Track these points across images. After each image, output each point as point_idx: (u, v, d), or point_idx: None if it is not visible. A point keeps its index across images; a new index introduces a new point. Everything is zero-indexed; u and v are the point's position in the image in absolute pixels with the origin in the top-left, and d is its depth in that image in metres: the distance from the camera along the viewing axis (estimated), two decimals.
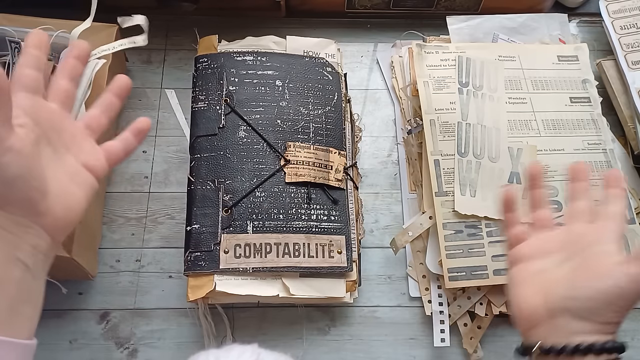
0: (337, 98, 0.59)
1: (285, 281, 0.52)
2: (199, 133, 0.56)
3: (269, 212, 0.53)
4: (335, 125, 0.58)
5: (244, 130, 0.56)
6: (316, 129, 0.57)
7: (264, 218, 0.53)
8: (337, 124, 0.59)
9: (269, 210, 0.53)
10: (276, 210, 0.54)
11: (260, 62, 0.59)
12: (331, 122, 0.58)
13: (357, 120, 0.65)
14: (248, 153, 0.55)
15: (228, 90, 0.57)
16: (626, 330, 0.57)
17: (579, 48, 0.67)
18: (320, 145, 0.57)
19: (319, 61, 0.60)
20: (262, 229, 0.53)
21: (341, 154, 0.58)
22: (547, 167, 0.60)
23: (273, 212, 0.53)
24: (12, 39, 0.54)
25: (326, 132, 0.58)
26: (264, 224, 0.53)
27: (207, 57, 0.59)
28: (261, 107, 0.57)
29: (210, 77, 0.58)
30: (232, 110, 0.57)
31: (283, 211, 0.54)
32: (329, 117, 0.59)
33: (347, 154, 0.59)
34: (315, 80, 0.59)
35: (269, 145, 0.55)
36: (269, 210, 0.53)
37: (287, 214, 0.54)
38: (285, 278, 0.52)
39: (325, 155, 0.56)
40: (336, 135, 0.58)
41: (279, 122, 0.57)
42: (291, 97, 0.58)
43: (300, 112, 0.57)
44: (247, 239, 0.52)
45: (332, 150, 0.57)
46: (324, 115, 0.58)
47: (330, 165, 0.56)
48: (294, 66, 0.60)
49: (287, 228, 0.53)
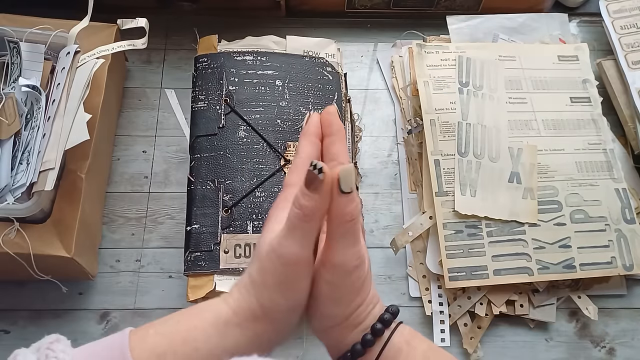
0: (337, 98, 0.59)
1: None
2: (199, 133, 0.56)
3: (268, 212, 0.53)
4: None
5: (244, 130, 0.56)
6: None
7: (264, 218, 0.53)
8: None
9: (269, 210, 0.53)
10: None
11: (260, 62, 0.59)
12: None
13: (357, 120, 0.65)
14: (248, 153, 0.55)
15: (228, 90, 0.57)
16: (626, 330, 0.57)
17: (579, 48, 0.67)
18: None
19: (319, 61, 0.60)
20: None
21: None
22: (547, 167, 0.60)
23: None
24: (11, 39, 0.54)
25: None
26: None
27: (207, 57, 0.59)
28: (261, 107, 0.57)
29: (210, 77, 0.58)
30: (232, 110, 0.57)
31: None
32: None
33: (347, 154, 0.58)
34: (315, 80, 0.59)
35: (269, 145, 0.55)
36: (269, 210, 0.53)
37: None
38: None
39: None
40: None
41: (279, 122, 0.57)
42: (291, 97, 0.58)
43: (300, 112, 0.57)
44: (247, 238, 0.52)
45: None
46: None
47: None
48: (294, 66, 0.60)
49: None
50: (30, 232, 0.48)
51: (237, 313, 0.32)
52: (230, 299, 0.33)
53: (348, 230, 0.30)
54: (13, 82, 0.54)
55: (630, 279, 0.59)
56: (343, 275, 0.31)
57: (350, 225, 0.30)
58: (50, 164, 0.47)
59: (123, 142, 0.64)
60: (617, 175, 0.60)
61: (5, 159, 0.51)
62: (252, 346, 0.32)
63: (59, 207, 0.51)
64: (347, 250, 0.31)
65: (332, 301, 0.33)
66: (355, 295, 0.33)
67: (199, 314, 0.32)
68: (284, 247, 0.30)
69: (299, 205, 0.29)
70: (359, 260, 0.31)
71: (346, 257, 0.31)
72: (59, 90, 0.51)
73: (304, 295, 0.32)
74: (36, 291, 0.55)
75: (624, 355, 0.56)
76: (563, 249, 0.56)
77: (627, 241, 0.57)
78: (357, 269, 0.31)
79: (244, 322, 0.31)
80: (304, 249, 0.30)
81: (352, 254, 0.31)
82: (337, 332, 0.34)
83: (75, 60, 0.53)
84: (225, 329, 0.31)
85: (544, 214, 0.58)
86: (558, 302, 0.57)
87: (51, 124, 0.50)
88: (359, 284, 0.32)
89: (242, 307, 0.32)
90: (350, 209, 0.29)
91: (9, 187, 0.50)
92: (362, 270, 0.32)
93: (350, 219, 0.29)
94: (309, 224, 0.29)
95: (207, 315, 0.32)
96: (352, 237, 0.30)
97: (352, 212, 0.29)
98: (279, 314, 0.32)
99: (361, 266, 0.32)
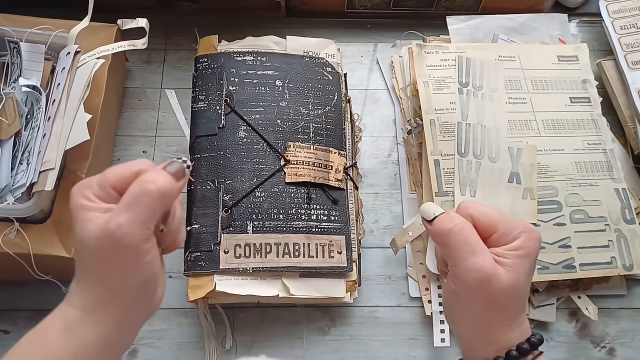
0: (337, 98, 0.59)
1: (285, 281, 0.52)
2: (199, 133, 0.56)
3: (269, 212, 0.53)
4: (335, 125, 0.58)
5: (244, 130, 0.56)
6: (316, 129, 0.57)
7: (264, 218, 0.53)
8: (337, 124, 0.59)
9: (269, 210, 0.53)
10: (276, 210, 0.54)
11: (260, 62, 0.59)
12: (331, 122, 0.58)
13: (357, 120, 0.65)
14: (248, 153, 0.55)
15: (228, 90, 0.57)
16: (626, 330, 0.57)
17: (579, 48, 0.67)
18: (320, 145, 0.57)
19: (319, 61, 0.60)
20: (262, 229, 0.53)
21: (341, 154, 0.58)
22: (547, 167, 0.60)
23: (273, 212, 0.53)
24: (11, 39, 0.54)
25: (326, 132, 0.58)
26: (264, 224, 0.53)
27: (207, 57, 0.59)
28: (261, 107, 0.57)
29: (210, 77, 0.58)
30: (232, 110, 0.57)
31: (283, 211, 0.54)
32: (329, 117, 0.59)
33: (347, 154, 0.59)
34: (315, 80, 0.59)
35: (269, 145, 0.55)
36: (269, 210, 0.53)
37: (287, 214, 0.53)
38: (285, 278, 0.52)
39: (325, 155, 0.56)
40: (336, 135, 0.58)
41: (279, 122, 0.57)
42: (291, 97, 0.58)
43: (300, 112, 0.57)
44: (247, 239, 0.52)
45: (332, 151, 0.57)
46: (324, 115, 0.58)
47: (330, 165, 0.56)
48: (294, 66, 0.60)
49: (287, 228, 0.53)
50: (30, 232, 0.48)
51: (86, 309, 0.32)
52: (74, 297, 0.33)
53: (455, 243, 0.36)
54: (13, 82, 0.54)
55: (630, 279, 0.59)
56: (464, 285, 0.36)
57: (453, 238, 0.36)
58: (50, 164, 0.47)
59: (123, 142, 0.64)
60: (617, 176, 0.60)
61: (5, 159, 0.51)
62: (109, 337, 0.33)
63: (59, 207, 0.51)
64: (463, 261, 0.35)
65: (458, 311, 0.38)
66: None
67: (47, 328, 0.33)
68: (124, 227, 0.30)
69: (156, 182, 0.31)
70: (479, 272, 0.34)
71: (465, 268, 0.35)
72: (59, 90, 0.51)
73: (151, 268, 0.33)
74: (36, 291, 0.55)
75: (624, 356, 0.56)
76: (563, 249, 0.56)
77: (627, 241, 0.57)
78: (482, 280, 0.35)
79: (94, 315, 0.32)
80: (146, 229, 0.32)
81: (471, 264, 0.35)
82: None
83: (76, 60, 0.53)
84: (80, 329, 0.32)
85: (543, 214, 0.58)
86: (558, 302, 0.57)
87: (51, 124, 0.50)
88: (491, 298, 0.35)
89: (88, 301, 0.32)
90: (444, 228, 0.36)
91: (9, 187, 0.50)
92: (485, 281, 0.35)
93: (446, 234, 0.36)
94: (159, 203, 0.32)
95: (57, 324, 0.33)
96: (464, 248, 0.35)
97: (442, 230, 0.36)
98: (130, 293, 0.33)
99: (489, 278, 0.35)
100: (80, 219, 0.32)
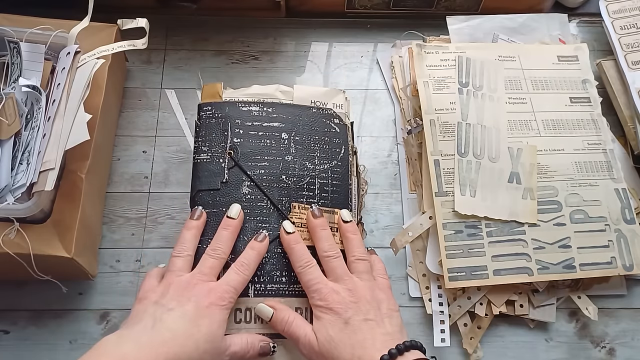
0: (344, 151, 0.56)
1: (286, 349, 0.50)
2: (201, 187, 0.53)
3: (271, 275, 0.51)
4: (341, 180, 0.56)
5: (247, 186, 0.53)
6: (322, 185, 0.55)
7: (266, 281, 0.51)
8: (344, 179, 0.56)
9: (271, 273, 0.51)
10: (279, 272, 0.51)
11: (267, 112, 0.56)
12: (337, 177, 0.56)
13: (363, 172, 0.63)
14: (251, 210, 0.52)
15: (232, 142, 0.54)
16: (626, 330, 0.57)
17: (579, 48, 0.67)
18: (325, 205, 0.54)
19: (327, 112, 0.58)
20: (264, 293, 0.50)
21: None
22: (547, 167, 0.60)
23: (275, 275, 0.51)
24: (11, 39, 0.54)
25: (332, 189, 0.55)
26: (266, 287, 0.50)
27: (211, 105, 0.56)
28: (266, 162, 0.54)
29: (215, 127, 0.55)
30: (236, 164, 0.54)
31: (286, 273, 0.51)
32: (335, 171, 0.56)
33: (353, 210, 0.56)
34: (322, 133, 0.57)
35: (272, 204, 0.53)
36: (272, 272, 0.51)
37: (290, 277, 0.51)
38: (286, 345, 0.50)
39: (331, 217, 0.54)
40: (342, 192, 0.55)
41: (283, 177, 0.54)
42: (297, 150, 0.55)
43: (305, 166, 0.55)
44: (247, 302, 0.50)
45: (337, 212, 0.54)
46: (330, 170, 0.56)
47: (334, 227, 0.53)
48: (301, 117, 0.57)
49: (290, 291, 0.51)
50: (30, 232, 0.48)
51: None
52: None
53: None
54: (13, 82, 0.54)
55: (630, 279, 0.59)
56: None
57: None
58: (50, 164, 0.47)
59: (123, 142, 0.64)
60: (617, 176, 0.60)
61: (5, 159, 0.51)
62: None
63: (59, 207, 0.51)
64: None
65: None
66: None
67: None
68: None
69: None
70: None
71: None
72: (59, 90, 0.51)
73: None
74: (36, 291, 0.55)
75: (624, 356, 0.56)
76: (563, 249, 0.56)
77: (627, 241, 0.57)
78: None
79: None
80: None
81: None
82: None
83: (76, 60, 0.53)
84: None
85: (543, 214, 0.58)
86: (558, 302, 0.57)
87: (51, 124, 0.50)
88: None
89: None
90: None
91: (9, 187, 0.50)
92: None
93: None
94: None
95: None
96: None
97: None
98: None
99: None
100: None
